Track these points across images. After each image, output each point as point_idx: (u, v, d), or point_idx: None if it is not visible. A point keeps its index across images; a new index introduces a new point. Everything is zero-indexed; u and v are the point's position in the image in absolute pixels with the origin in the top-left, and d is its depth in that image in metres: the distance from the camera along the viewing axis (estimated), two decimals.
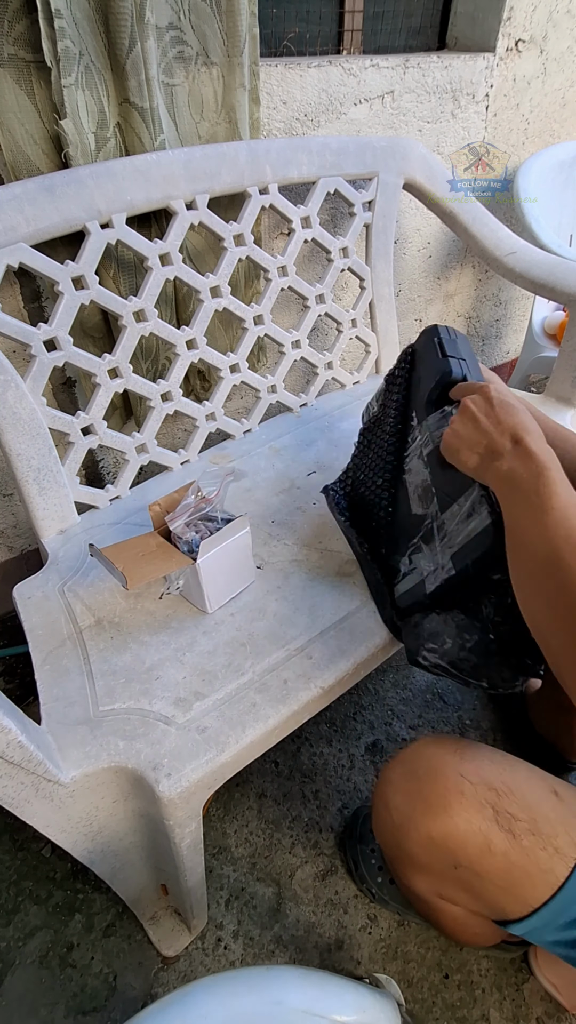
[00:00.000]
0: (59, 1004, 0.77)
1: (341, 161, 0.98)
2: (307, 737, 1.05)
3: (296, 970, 0.50)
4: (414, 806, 0.55)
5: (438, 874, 0.56)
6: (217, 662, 0.66)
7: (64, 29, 0.69)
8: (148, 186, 0.79)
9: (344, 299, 1.32)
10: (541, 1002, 0.78)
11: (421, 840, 0.54)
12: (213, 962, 0.80)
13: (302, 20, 1.13)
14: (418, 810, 0.54)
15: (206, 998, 0.45)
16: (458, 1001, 0.78)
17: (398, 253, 1.38)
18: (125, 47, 0.74)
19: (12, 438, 0.75)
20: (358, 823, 0.90)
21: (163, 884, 0.79)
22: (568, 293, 1.02)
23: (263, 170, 0.90)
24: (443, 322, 1.64)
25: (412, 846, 0.55)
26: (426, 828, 0.54)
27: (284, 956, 0.81)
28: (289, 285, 1.01)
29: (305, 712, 0.64)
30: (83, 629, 0.70)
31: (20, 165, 0.76)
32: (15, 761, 0.49)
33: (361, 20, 1.19)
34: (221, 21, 0.82)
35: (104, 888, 0.86)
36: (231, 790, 0.97)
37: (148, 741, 0.58)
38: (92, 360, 0.82)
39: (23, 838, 0.92)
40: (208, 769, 0.57)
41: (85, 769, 0.56)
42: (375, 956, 0.81)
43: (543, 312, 1.52)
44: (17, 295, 0.89)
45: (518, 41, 1.28)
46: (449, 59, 1.19)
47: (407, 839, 0.55)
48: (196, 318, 0.91)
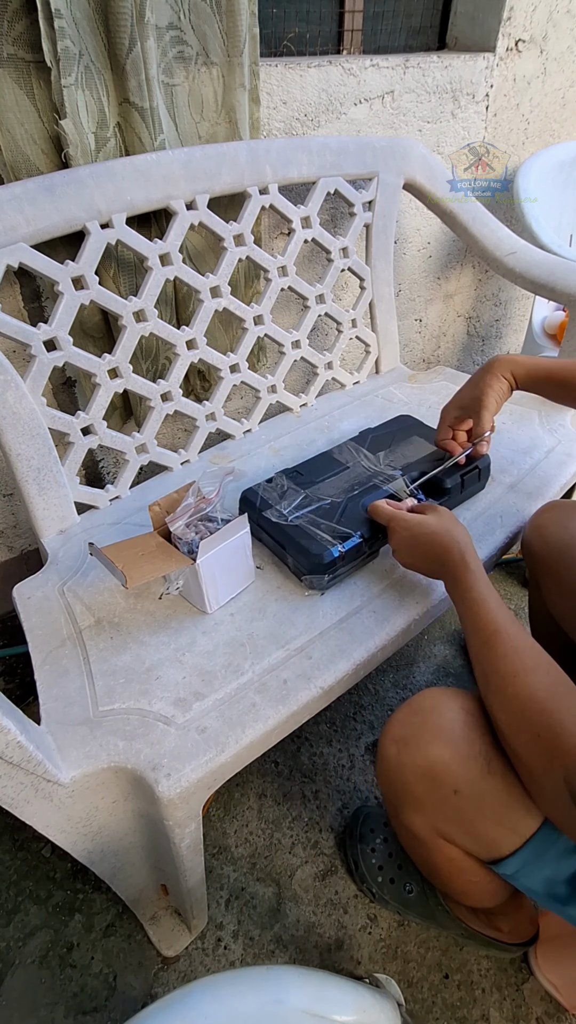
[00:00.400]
0: (59, 1004, 0.77)
1: (341, 161, 0.99)
2: (307, 737, 1.05)
3: (296, 970, 0.50)
4: (419, 734, 0.57)
5: (437, 805, 0.58)
6: (217, 662, 0.66)
7: (64, 29, 0.69)
8: (148, 186, 0.79)
9: (344, 299, 1.32)
10: (541, 1002, 0.78)
11: (423, 766, 0.56)
12: (213, 962, 0.80)
13: (302, 20, 1.13)
14: (423, 737, 0.57)
15: (206, 998, 0.45)
16: (458, 1001, 0.78)
17: (398, 253, 1.38)
18: (125, 47, 0.74)
19: (12, 438, 0.75)
20: (358, 823, 0.90)
21: (163, 884, 0.79)
22: (568, 293, 1.02)
23: (263, 170, 0.90)
24: (443, 322, 1.65)
25: (413, 777, 0.57)
26: (428, 753, 0.56)
27: (284, 956, 0.81)
28: (289, 285, 1.01)
29: (305, 712, 0.64)
30: (83, 629, 0.70)
31: (20, 165, 0.76)
32: (15, 761, 0.49)
33: (361, 20, 1.19)
34: (221, 21, 0.82)
35: (104, 888, 0.86)
36: (231, 790, 0.97)
37: (148, 741, 0.58)
38: (92, 360, 0.82)
39: (23, 838, 0.92)
40: (208, 769, 0.57)
41: (85, 769, 0.56)
42: (375, 956, 0.81)
43: (543, 312, 1.52)
44: (17, 295, 0.89)
45: (518, 41, 1.28)
46: (449, 59, 1.19)
47: (408, 770, 0.57)
48: (196, 318, 0.91)
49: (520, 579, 1.35)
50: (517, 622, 0.58)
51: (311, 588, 0.73)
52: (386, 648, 0.70)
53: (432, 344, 1.68)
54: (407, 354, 1.62)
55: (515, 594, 1.32)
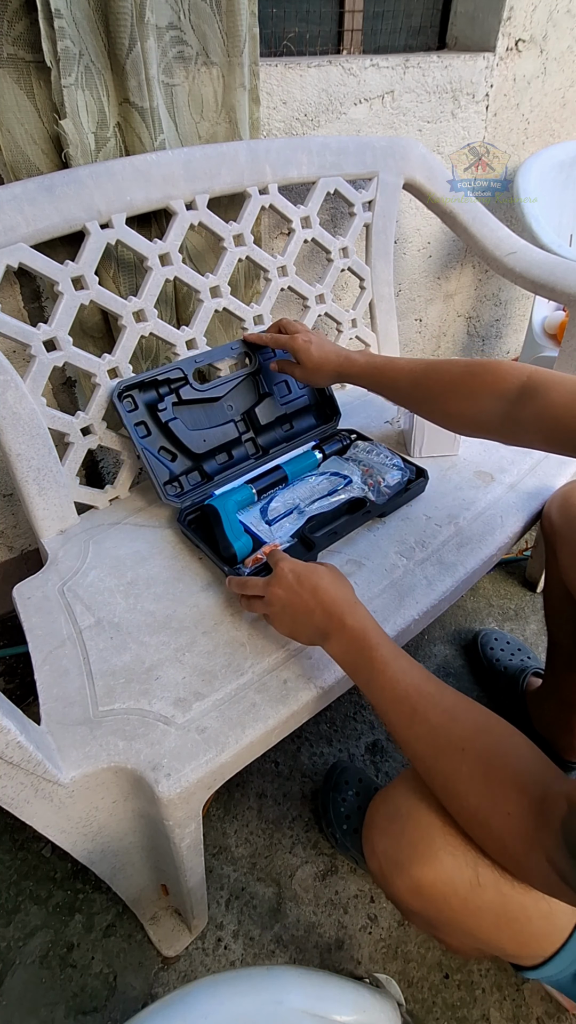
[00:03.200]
0: (59, 1004, 0.77)
1: (341, 161, 0.98)
2: (307, 737, 1.05)
3: (296, 970, 0.50)
4: (399, 853, 0.52)
5: (433, 917, 0.53)
6: (217, 662, 0.66)
7: (64, 29, 0.69)
8: (148, 186, 0.79)
9: (344, 299, 1.32)
10: (541, 1002, 0.78)
11: (410, 887, 0.51)
12: (213, 962, 0.80)
13: (302, 20, 1.13)
14: (403, 856, 0.52)
15: (206, 998, 0.45)
16: (458, 1001, 0.78)
17: (398, 253, 1.38)
18: (125, 47, 0.74)
19: (12, 438, 0.75)
20: (335, 773, 0.94)
21: (163, 884, 0.79)
22: (568, 293, 1.02)
23: (263, 170, 0.90)
24: (443, 322, 1.65)
25: (403, 894, 0.52)
26: (412, 875, 0.51)
27: (284, 956, 0.81)
28: (289, 285, 1.01)
29: (305, 712, 0.64)
30: (83, 629, 0.70)
31: (20, 165, 0.76)
32: (14, 761, 0.49)
33: (361, 20, 1.19)
34: (221, 21, 0.82)
35: (104, 888, 0.86)
36: (231, 790, 0.97)
37: (148, 741, 0.58)
38: (92, 360, 0.82)
39: (23, 838, 0.92)
40: (208, 769, 0.57)
41: (85, 769, 0.56)
42: (375, 956, 0.81)
43: (543, 312, 1.52)
44: (17, 295, 0.89)
45: (518, 41, 1.28)
46: (449, 59, 1.19)
47: (396, 888, 0.53)
48: (196, 318, 0.91)
49: (520, 579, 1.35)
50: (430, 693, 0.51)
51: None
52: None
53: (432, 344, 1.68)
54: (407, 354, 1.62)
55: (515, 594, 1.32)
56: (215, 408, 0.90)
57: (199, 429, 0.87)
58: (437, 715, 0.50)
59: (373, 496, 0.84)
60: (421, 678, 0.52)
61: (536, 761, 0.47)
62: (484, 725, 0.49)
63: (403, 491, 0.85)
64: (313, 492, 0.85)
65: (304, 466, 0.90)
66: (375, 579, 0.75)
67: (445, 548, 0.79)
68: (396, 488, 0.85)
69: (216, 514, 0.78)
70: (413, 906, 0.53)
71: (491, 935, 0.51)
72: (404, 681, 0.52)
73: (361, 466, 0.89)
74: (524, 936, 0.50)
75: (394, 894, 0.54)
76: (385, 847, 0.54)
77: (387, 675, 0.53)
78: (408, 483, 0.86)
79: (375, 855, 0.55)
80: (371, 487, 0.85)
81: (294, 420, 0.98)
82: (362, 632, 0.55)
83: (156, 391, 0.84)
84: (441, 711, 0.50)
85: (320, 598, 0.57)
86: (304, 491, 0.86)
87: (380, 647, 0.54)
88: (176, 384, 0.85)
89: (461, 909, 0.50)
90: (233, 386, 0.90)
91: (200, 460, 0.88)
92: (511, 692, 1.05)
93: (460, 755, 0.48)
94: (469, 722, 0.50)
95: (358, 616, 0.56)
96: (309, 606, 0.58)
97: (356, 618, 0.56)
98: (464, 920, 0.51)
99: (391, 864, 0.52)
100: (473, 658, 1.17)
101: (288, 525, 0.81)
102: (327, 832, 0.90)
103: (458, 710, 0.50)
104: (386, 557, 0.78)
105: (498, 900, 0.49)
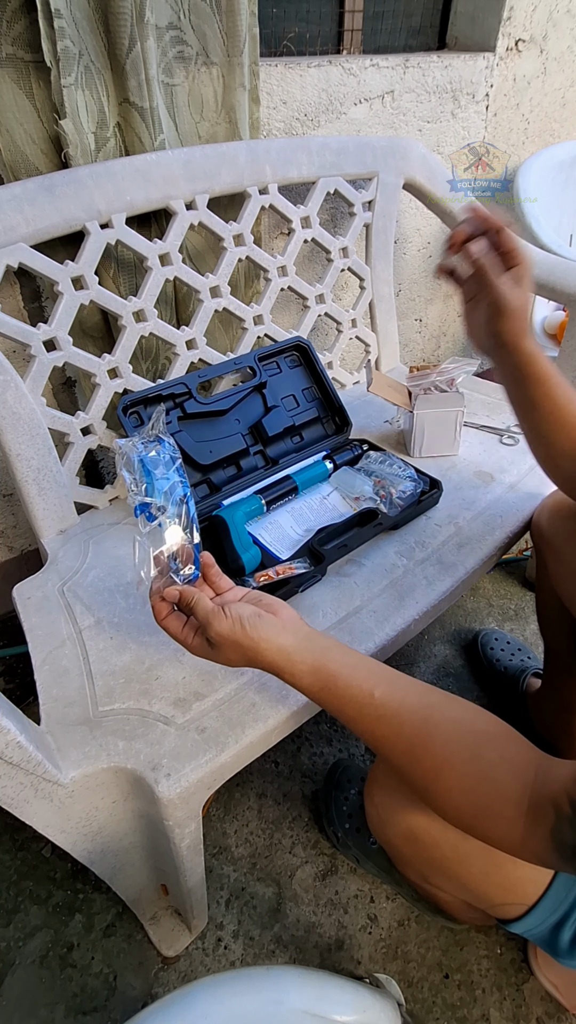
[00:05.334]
0: (59, 1004, 0.77)
1: (341, 161, 0.98)
2: (307, 737, 1.05)
3: (296, 970, 0.50)
4: (397, 799, 0.56)
5: (424, 863, 0.58)
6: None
7: (64, 29, 0.69)
8: (148, 186, 0.79)
9: (344, 299, 1.32)
10: (541, 1002, 0.78)
11: (404, 831, 0.55)
12: (213, 962, 0.80)
13: (302, 20, 1.13)
14: (401, 802, 0.56)
15: (206, 998, 0.45)
16: (458, 1001, 0.78)
17: (398, 253, 1.38)
18: (125, 47, 0.74)
19: (12, 438, 0.75)
20: (337, 772, 0.94)
21: (163, 884, 0.79)
22: (568, 293, 1.02)
23: (263, 170, 0.90)
24: (443, 322, 1.65)
25: (397, 839, 0.57)
26: (407, 818, 0.55)
27: (284, 956, 0.81)
28: (289, 285, 1.01)
29: (305, 712, 0.64)
30: (83, 629, 0.70)
31: (19, 165, 0.76)
32: (14, 761, 0.49)
33: (361, 20, 1.19)
34: (221, 21, 0.82)
35: (104, 888, 0.86)
36: (231, 790, 0.97)
37: (147, 741, 0.58)
38: (92, 360, 0.82)
39: (23, 838, 0.92)
40: (208, 769, 0.57)
41: (84, 769, 0.56)
42: (375, 956, 0.81)
43: (543, 312, 1.52)
44: (17, 295, 0.89)
45: (518, 41, 1.28)
46: (449, 59, 1.19)
47: (391, 832, 0.57)
48: (196, 318, 0.91)
49: (520, 579, 1.35)
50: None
51: None
52: (386, 648, 0.70)
53: (432, 344, 1.68)
54: (407, 354, 1.62)
55: (515, 594, 1.32)
56: (221, 421, 0.88)
57: (205, 441, 0.86)
58: (411, 731, 0.46)
59: (385, 507, 0.82)
60: (380, 687, 0.48)
61: (522, 763, 0.43)
62: (460, 738, 0.45)
63: (416, 503, 0.83)
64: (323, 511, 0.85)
65: (314, 476, 0.89)
66: (375, 579, 0.75)
67: (445, 548, 0.79)
68: (409, 500, 0.82)
69: (224, 525, 0.76)
70: (406, 853, 0.57)
71: (479, 883, 0.55)
72: (361, 699, 0.47)
73: (373, 477, 0.87)
74: (510, 881, 0.53)
75: (389, 840, 0.58)
76: (383, 796, 0.58)
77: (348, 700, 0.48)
78: (421, 495, 0.84)
79: (373, 804, 0.59)
80: (383, 498, 0.83)
81: (303, 431, 0.96)
82: (280, 668, 0.49)
83: (160, 405, 0.83)
84: (413, 728, 0.46)
85: (236, 656, 0.50)
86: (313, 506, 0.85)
87: (299, 673, 0.49)
88: (180, 398, 0.84)
89: (452, 855, 0.54)
90: (238, 399, 0.89)
91: (207, 471, 0.87)
92: (511, 692, 1.05)
93: (440, 776, 0.44)
94: (445, 734, 0.45)
95: (274, 647, 0.49)
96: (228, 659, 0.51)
97: (271, 657, 0.49)
98: (454, 867, 0.55)
99: (388, 810, 0.57)
100: (473, 658, 1.17)
101: (296, 536, 0.80)
102: (328, 831, 0.90)
103: (431, 723, 0.46)
104: (386, 557, 0.78)
105: (486, 846, 0.46)
